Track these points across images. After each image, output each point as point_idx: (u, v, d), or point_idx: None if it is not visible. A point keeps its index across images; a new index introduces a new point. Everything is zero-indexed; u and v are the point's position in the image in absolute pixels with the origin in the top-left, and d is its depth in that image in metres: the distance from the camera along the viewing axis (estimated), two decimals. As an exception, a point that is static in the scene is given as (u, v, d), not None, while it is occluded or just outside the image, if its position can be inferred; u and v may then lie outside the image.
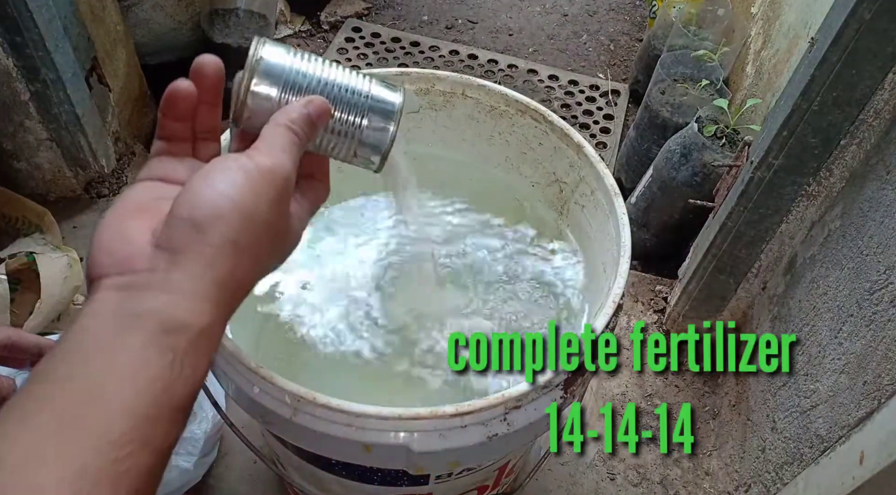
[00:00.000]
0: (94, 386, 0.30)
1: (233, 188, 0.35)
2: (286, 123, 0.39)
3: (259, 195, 0.35)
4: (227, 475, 1.11)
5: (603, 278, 0.72)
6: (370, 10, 2.07)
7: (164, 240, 0.34)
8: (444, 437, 0.56)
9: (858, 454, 0.76)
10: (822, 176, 0.98)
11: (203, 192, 0.35)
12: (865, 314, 0.83)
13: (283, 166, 0.37)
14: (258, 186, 0.35)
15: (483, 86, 0.81)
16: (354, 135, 0.44)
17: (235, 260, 0.34)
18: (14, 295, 1.14)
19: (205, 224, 0.34)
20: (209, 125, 0.42)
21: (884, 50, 0.82)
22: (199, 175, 0.36)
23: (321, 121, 0.41)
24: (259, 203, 0.35)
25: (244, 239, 0.35)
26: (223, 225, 0.34)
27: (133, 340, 0.31)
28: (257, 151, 0.37)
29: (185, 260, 0.33)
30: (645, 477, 1.18)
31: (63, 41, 1.23)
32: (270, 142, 0.38)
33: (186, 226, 0.34)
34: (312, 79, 0.42)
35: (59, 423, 0.28)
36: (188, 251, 0.33)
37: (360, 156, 0.45)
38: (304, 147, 0.40)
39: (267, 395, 0.58)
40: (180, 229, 0.34)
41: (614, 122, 1.83)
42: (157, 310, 0.32)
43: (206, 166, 0.36)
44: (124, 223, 0.36)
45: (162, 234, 0.34)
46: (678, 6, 1.71)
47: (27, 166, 1.38)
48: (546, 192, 0.84)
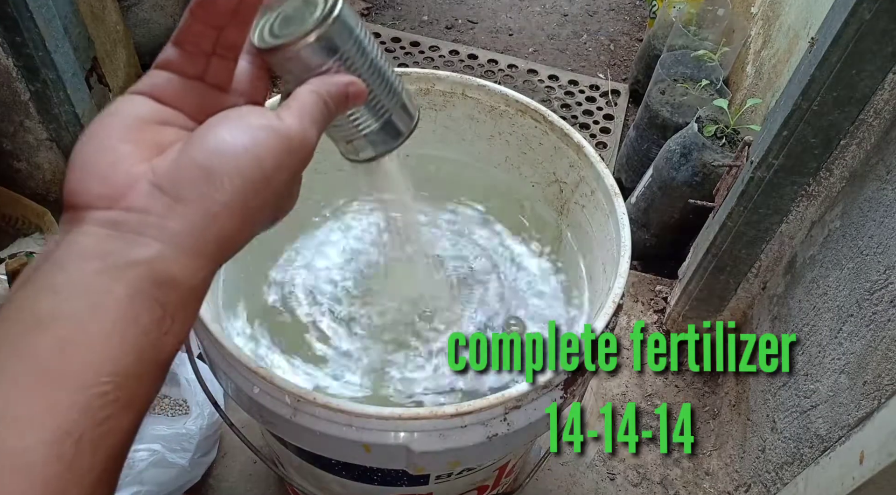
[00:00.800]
0: (76, 337, 0.27)
1: (257, 146, 0.32)
2: (325, 94, 0.37)
3: (281, 161, 0.33)
4: (227, 475, 1.11)
5: (603, 278, 0.72)
6: (370, 10, 2.07)
7: (167, 182, 0.31)
8: (444, 437, 0.56)
9: (858, 454, 0.76)
10: (822, 176, 0.98)
11: (225, 141, 0.32)
12: (865, 314, 0.83)
13: (310, 138, 0.35)
14: (282, 152, 0.33)
15: (483, 86, 0.81)
16: (362, 130, 0.43)
17: (239, 220, 0.32)
18: (14, 295, 1.14)
19: (220, 176, 0.31)
20: (232, 41, 0.37)
21: (884, 50, 0.82)
22: (221, 119, 0.33)
23: (352, 106, 0.39)
24: (280, 169, 0.33)
25: (254, 201, 0.32)
26: (239, 182, 0.31)
27: (120, 290, 0.28)
28: (290, 114, 0.34)
29: (187, 210, 0.30)
30: (645, 477, 1.18)
31: (63, 41, 1.23)
32: (304, 109, 0.35)
33: (198, 172, 0.31)
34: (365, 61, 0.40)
35: (35, 377, 0.26)
36: (193, 201, 0.30)
37: (353, 145, 0.45)
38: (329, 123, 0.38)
39: (267, 395, 0.58)
40: (190, 174, 0.31)
41: (614, 122, 1.83)
42: (148, 261, 0.29)
43: (231, 112, 0.34)
44: (116, 144, 0.32)
45: (166, 174, 0.31)
46: (678, 6, 1.71)
47: (27, 166, 1.38)
48: (546, 192, 0.84)
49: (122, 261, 0.29)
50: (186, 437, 0.99)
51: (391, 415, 0.55)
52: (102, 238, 0.30)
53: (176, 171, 0.31)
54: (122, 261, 0.29)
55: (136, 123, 0.33)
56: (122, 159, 0.32)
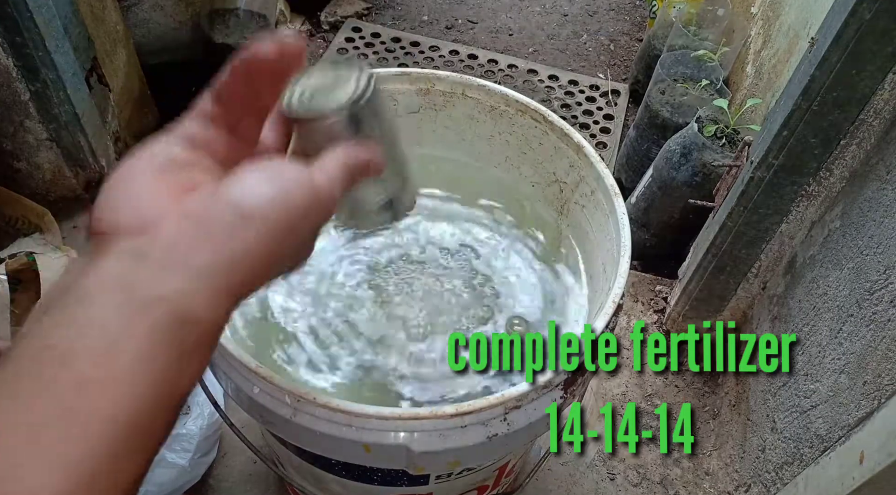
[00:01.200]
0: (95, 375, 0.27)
1: (289, 196, 0.34)
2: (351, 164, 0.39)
3: (308, 213, 0.35)
4: (227, 475, 1.11)
5: (603, 278, 0.72)
6: (370, 10, 2.07)
7: (197, 218, 0.31)
8: (444, 437, 0.56)
9: (858, 454, 0.76)
10: (822, 176, 0.98)
11: (261, 187, 0.33)
12: (865, 314, 0.83)
13: (335, 197, 0.37)
14: (311, 205, 0.35)
15: (483, 86, 0.81)
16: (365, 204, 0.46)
17: (264, 264, 0.33)
18: (14, 295, 1.14)
19: (251, 219, 0.32)
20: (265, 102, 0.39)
21: (884, 50, 0.82)
22: (257, 167, 0.34)
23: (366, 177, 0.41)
24: (306, 219, 0.35)
25: (279, 247, 0.33)
26: (269, 226, 0.32)
27: (141, 327, 0.28)
28: (321, 172, 0.37)
29: (215, 248, 0.31)
30: (645, 477, 1.18)
31: (63, 41, 1.23)
32: (333, 171, 0.37)
33: (230, 212, 0.31)
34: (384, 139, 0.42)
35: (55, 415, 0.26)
36: (222, 240, 0.31)
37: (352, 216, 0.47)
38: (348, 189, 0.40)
39: (267, 395, 0.58)
40: (221, 214, 0.31)
41: (614, 122, 1.83)
42: (172, 296, 0.29)
43: (266, 163, 0.35)
44: (148, 180, 0.33)
45: (197, 211, 0.32)
46: (678, 6, 1.71)
47: (27, 166, 1.38)
48: (546, 192, 0.84)
49: (146, 296, 0.29)
50: (186, 437, 0.99)
51: (391, 415, 0.55)
52: (127, 268, 0.30)
53: (207, 209, 0.32)
54: (146, 296, 0.29)
55: (168, 163, 0.34)
56: (154, 193, 0.32)
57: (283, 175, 0.34)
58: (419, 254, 0.81)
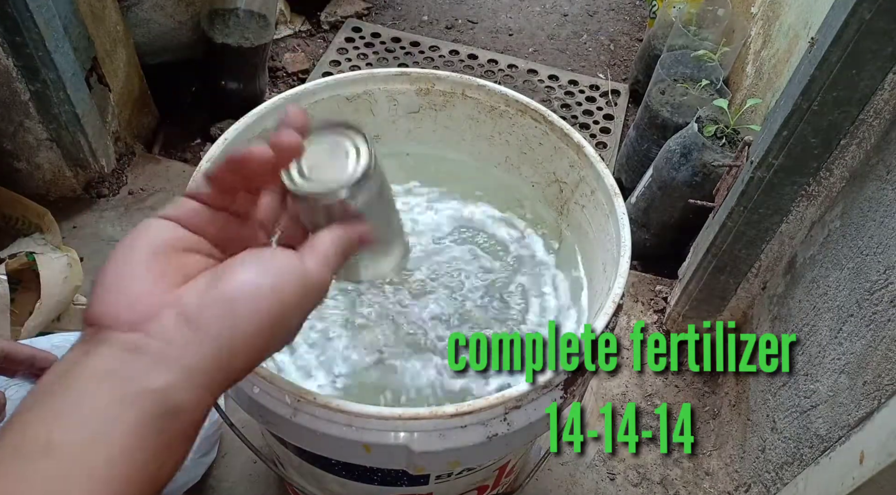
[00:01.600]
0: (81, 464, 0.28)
1: (282, 287, 0.35)
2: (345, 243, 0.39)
3: (301, 301, 0.36)
4: (227, 475, 1.11)
5: (603, 278, 0.72)
6: (370, 10, 2.07)
7: (192, 314, 0.32)
8: (444, 437, 0.56)
9: (858, 454, 0.76)
10: (822, 176, 0.98)
11: (253, 281, 0.34)
12: (865, 314, 0.83)
13: (327, 282, 0.38)
14: (301, 297, 0.36)
15: (483, 86, 0.81)
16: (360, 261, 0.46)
17: (253, 355, 0.34)
18: (14, 295, 1.14)
19: (243, 314, 0.33)
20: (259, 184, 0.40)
21: (884, 50, 0.82)
22: (249, 258, 0.35)
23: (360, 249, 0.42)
24: (296, 311, 0.36)
25: (270, 338, 0.35)
26: (261, 320, 0.33)
27: (129, 418, 0.30)
28: (312, 258, 0.37)
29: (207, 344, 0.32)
30: (645, 477, 1.18)
31: (63, 41, 1.23)
32: (325, 255, 0.38)
33: (223, 308, 0.33)
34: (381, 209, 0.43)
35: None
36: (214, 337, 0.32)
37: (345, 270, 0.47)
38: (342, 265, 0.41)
39: (267, 395, 0.58)
40: (214, 310, 0.33)
41: (614, 122, 1.83)
42: (162, 390, 0.31)
43: (260, 252, 0.36)
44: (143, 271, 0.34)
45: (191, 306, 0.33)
46: (678, 6, 1.71)
47: (27, 166, 1.38)
48: (546, 192, 0.84)
49: (138, 388, 0.30)
50: (186, 437, 0.99)
51: (391, 415, 0.55)
52: (121, 360, 0.31)
53: (201, 305, 0.33)
54: (138, 388, 0.30)
55: (163, 249, 0.35)
56: (149, 286, 0.33)
57: (276, 265, 0.35)
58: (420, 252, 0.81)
